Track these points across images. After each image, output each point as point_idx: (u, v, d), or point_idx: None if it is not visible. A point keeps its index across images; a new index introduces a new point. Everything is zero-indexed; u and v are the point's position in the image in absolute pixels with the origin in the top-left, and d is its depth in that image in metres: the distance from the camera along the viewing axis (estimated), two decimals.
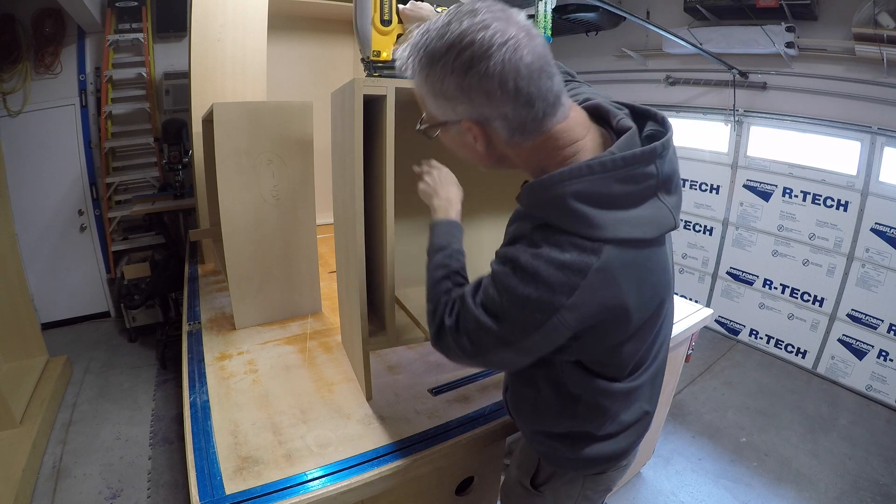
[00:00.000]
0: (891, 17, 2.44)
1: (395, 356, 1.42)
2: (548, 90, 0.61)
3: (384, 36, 1.04)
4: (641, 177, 0.62)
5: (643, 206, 0.63)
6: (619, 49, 3.87)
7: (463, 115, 0.63)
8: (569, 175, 0.61)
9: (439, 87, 0.61)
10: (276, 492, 0.91)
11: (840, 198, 3.00)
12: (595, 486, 0.92)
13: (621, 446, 0.85)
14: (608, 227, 0.60)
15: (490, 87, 0.58)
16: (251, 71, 2.16)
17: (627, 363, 0.75)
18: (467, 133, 0.66)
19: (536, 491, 0.94)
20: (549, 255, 0.61)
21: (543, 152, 0.66)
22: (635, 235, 0.62)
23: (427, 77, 0.62)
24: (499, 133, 0.64)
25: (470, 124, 0.64)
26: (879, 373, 2.88)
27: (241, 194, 1.50)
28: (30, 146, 3.22)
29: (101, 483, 2.08)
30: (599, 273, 0.60)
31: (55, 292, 3.46)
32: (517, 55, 0.57)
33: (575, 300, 0.61)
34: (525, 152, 0.67)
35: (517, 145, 0.66)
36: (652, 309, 0.71)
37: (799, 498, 2.10)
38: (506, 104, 0.60)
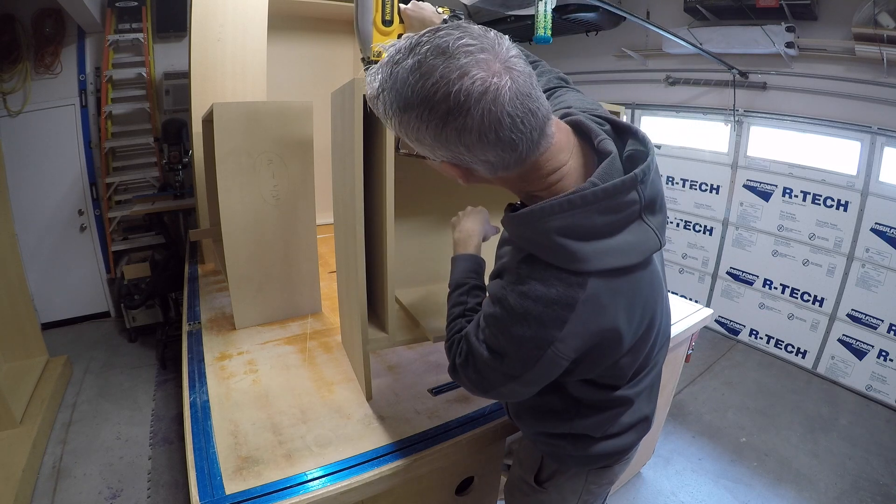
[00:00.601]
0: (891, 17, 2.44)
1: (395, 356, 1.42)
2: (531, 129, 0.56)
3: (385, 36, 1.04)
4: (623, 205, 0.61)
5: (627, 230, 0.63)
6: (619, 49, 3.86)
7: (442, 157, 0.60)
8: (550, 211, 0.60)
9: (415, 134, 0.57)
10: (276, 492, 0.91)
11: (840, 198, 3.00)
12: (599, 480, 0.93)
13: (623, 444, 0.87)
14: (592, 260, 0.60)
15: (469, 141, 0.54)
16: (251, 71, 2.16)
17: (626, 373, 0.77)
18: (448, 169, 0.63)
19: (540, 487, 0.95)
20: (536, 292, 0.62)
21: (527, 179, 0.64)
22: (621, 264, 0.62)
23: (401, 123, 0.57)
24: (480, 172, 0.62)
25: (447, 166, 0.62)
26: (879, 373, 2.88)
27: (241, 194, 1.50)
28: (30, 146, 3.21)
29: (101, 483, 2.08)
30: (587, 304, 0.61)
31: (55, 292, 3.46)
32: (498, 104, 0.52)
33: (566, 332, 0.62)
34: (508, 181, 0.66)
35: (501, 178, 0.65)
36: (644, 325, 0.73)
37: (799, 498, 2.10)
38: (487, 152, 0.56)
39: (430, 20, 1.05)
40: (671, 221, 3.93)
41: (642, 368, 0.80)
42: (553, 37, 1.89)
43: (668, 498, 2.10)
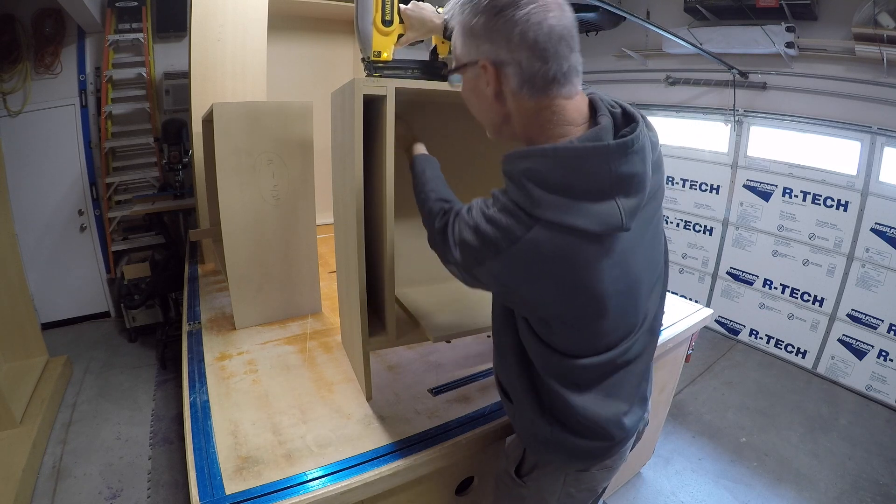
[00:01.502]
0: (891, 17, 2.44)
1: (395, 356, 1.42)
2: (563, 57, 0.66)
3: (385, 36, 1.04)
4: (591, 171, 0.64)
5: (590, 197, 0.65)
6: (619, 49, 3.86)
7: (483, 54, 0.68)
8: (526, 154, 0.67)
9: (469, 24, 0.68)
10: (276, 492, 0.91)
11: (840, 198, 3.00)
12: (578, 485, 0.91)
13: (598, 446, 0.84)
14: (545, 208, 0.64)
15: (511, 33, 0.64)
16: (251, 71, 2.16)
17: (566, 342, 0.76)
18: (482, 76, 0.70)
19: (521, 481, 0.94)
20: (494, 215, 0.69)
21: (540, 121, 0.70)
22: (571, 223, 0.64)
23: (463, 14, 0.69)
24: (510, 80, 0.68)
25: (486, 63, 0.68)
26: (879, 373, 2.88)
27: (241, 194, 1.50)
28: (30, 146, 3.21)
29: (101, 483, 2.08)
30: (526, 245, 0.65)
31: (55, 292, 3.46)
32: (544, 14, 0.63)
33: (499, 261, 0.68)
34: (526, 112, 0.70)
35: (522, 99, 0.69)
36: (592, 304, 0.71)
37: (799, 498, 2.10)
38: (522, 52, 0.65)
39: (430, 20, 1.05)
40: (671, 221, 3.93)
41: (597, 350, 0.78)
42: None
43: (668, 498, 2.10)
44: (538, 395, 0.84)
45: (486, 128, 0.81)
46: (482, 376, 1.33)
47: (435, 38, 1.14)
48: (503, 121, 0.75)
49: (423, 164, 1.00)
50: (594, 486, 0.94)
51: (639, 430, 0.97)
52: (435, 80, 1.10)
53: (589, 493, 0.95)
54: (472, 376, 1.33)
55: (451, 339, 1.37)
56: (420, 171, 0.99)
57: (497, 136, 0.80)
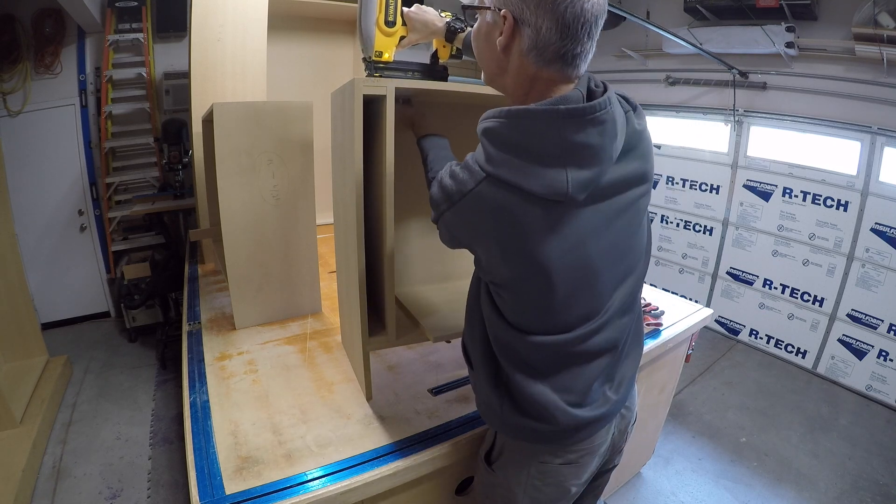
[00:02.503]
0: (891, 17, 2.44)
1: (395, 356, 1.42)
2: (580, 41, 0.68)
3: (388, 37, 1.04)
4: (542, 134, 0.66)
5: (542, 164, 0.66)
6: (619, 49, 3.86)
7: (509, 5, 0.69)
8: (492, 114, 0.70)
9: None
10: (276, 492, 0.91)
11: (840, 198, 3.00)
12: (543, 478, 0.89)
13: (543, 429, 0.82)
14: (496, 165, 0.68)
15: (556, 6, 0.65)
16: (251, 71, 2.16)
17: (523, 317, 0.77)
18: (498, 24, 0.71)
19: (490, 469, 0.95)
20: (455, 170, 0.75)
21: (531, 89, 0.73)
22: (517, 182, 0.67)
23: None
24: (523, 40, 0.69)
25: (508, 15, 0.69)
26: (879, 373, 2.88)
27: (241, 194, 1.50)
28: (30, 146, 3.21)
29: (101, 483, 2.08)
30: (472, 198, 0.70)
31: (55, 292, 3.46)
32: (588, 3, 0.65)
33: (451, 213, 0.74)
34: (523, 75, 0.73)
35: (526, 62, 0.71)
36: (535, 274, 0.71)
37: (799, 498, 2.10)
38: (545, 20, 0.66)
39: (432, 23, 1.05)
40: (671, 221, 3.94)
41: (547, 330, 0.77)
42: None
43: (668, 498, 2.10)
44: (496, 368, 0.86)
45: (483, 71, 0.83)
46: None
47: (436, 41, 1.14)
48: (499, 72, 0.77)
49: (427, 147, 1.03)
50: (561, 482, 0.90)
51: (618, 429, 0.95)
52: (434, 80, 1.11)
53: (556, 488, 0.90)
54: None
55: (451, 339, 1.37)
56: (424, 156, 1.01)
57: (489, 83, 0.83)
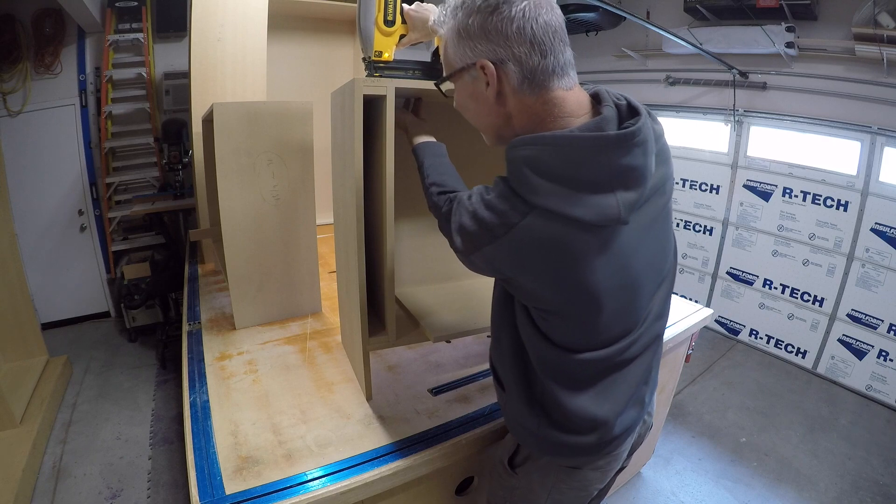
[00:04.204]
0: (891, 17, 2.44)
1: (395, 356, 1.42)
2: (559, 52, 0.68)
3: (387, 37, 1.04)
4: (590, 161, 0.64)
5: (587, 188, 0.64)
6: (619, 49, 3.86)
7: (480, 55, 0.68)
8: (526, 141, 0.67)
9: (463, 26, 0.68)
10: (276, 492, 0.91)
11: (840, 198, 3.00)
12: (569, 482, 0.90)
13: (584, 443, 0.82)
14: (542, 194, 0.65)
15: (509, 29, 0.65)
16: (251, 71, 2.16)
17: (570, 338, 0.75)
18: (480, 78, 0.70)
19: (513, 472, 0.94)
20: (492, 201, 0.69)
21: (542, 115, 0.70)
22: (569, 213, 0.64)
23: (456, 18, 0.70)
24: (511, 78, 0.68)
25: (485, 63, 0.68)
26: (879, 373, 2.88)
27: (241, 194, 1.50)
28: (30, 146, 3.21)
29: (101, 483, 2.08)
30: (521, 232, 0.66)
31: (55, 292, 3.46)
32: (537, 11, 0.65)
33: (495, 246, 0.69)
34: (527, 109, 0.70)
35: (524, 96, 0.69)
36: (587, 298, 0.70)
37: (799, 498, 2.10)
38: (521, 45, 0.66)
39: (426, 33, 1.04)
40: None
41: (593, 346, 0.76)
42: None
43: (668, 498, 2.10)
44: (530, 387, 0.83)
45: (487, 135, 0.80)
46: (482, 376, 1.33)
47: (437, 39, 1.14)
48: (505, 123, 0.74)
49: (421, 155, 0.99)
50: (586, 486, 0.92)
51: (639, 433, 0.96)
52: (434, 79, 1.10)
53: (580, 492, 0.92)
54: (472, 376, 1.33)
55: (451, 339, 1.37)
56: (420, 164, 0.98)
57: (498, 141, 0.78)
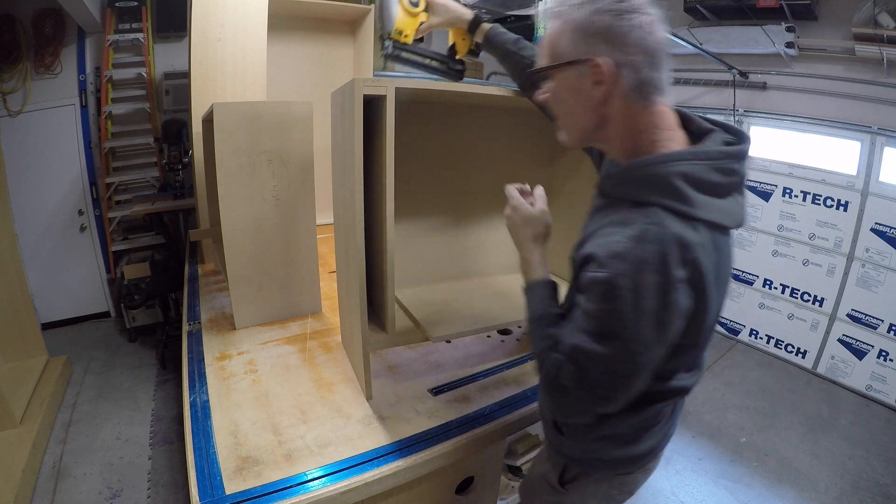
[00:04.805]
0: (891, 17, 2.44)
1: (395, 356, 1.42)
2: (666, 68, 0.68)
3: (411, 17, 1.01)
4: (731, 171, 0.67)
5: (728, 198, 0.68)
6: None
7: (598, 53, 0.67)
8: (676, 157, 0.66)
9: (589, 22, 0.67)
10: (276, 492, 0.91)
11: (840, 198, 3.00)
12: (622, 487, 0.92)
13: (650, 445, 0.85)
14: (704, 208, 0.64)
15: (632, 36, 0.65)
16: (251, 71, 2.16)
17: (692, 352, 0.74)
18: (589, 75, 0.68)
19: (563, 489, 0.93)
20: (652, 233, 0.61)
21: (642, 127, 0.70)
22: (723, 221, 0.66)
23: (580, 10, 0.67)
24: (623, 83, 0.67)
25: (604, 62, 0.66)
26: (879, 373, 2.88)
27: (241, 194, 1.50)
28: (30, 146, 3.21)
29: (101, 483, 2.08)
30: (701, 249, 0.62)
31: (55, 292, 3.46)
32: (654, 26, 0.66)
33: (685, 273, 0.61)
34: (630, 117, 0.70)
35: (630, 103, 0.69)
36: (721, 301, 0.72)
37: (799, 498, 2.10)
38: (639, 54, 0.66)
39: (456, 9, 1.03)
40: None
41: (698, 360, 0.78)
42: None
43: (668, 498, 2.10)
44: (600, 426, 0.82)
45: (572, 132, 0.77)
46: (482, 376, 1.33)
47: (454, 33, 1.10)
48: (598, 125, 0.72)
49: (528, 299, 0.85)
50: (633, 489, 0.95)
51: None
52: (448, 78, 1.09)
53: (627, 494, 0.95)
54: (472, 376, 1.33)
55: (451, 339, 1.37)
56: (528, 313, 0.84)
57: (581, 141, 0.77)
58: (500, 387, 1.28)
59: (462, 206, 1.49)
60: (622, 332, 0.62)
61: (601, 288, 0.62)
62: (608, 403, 0.70)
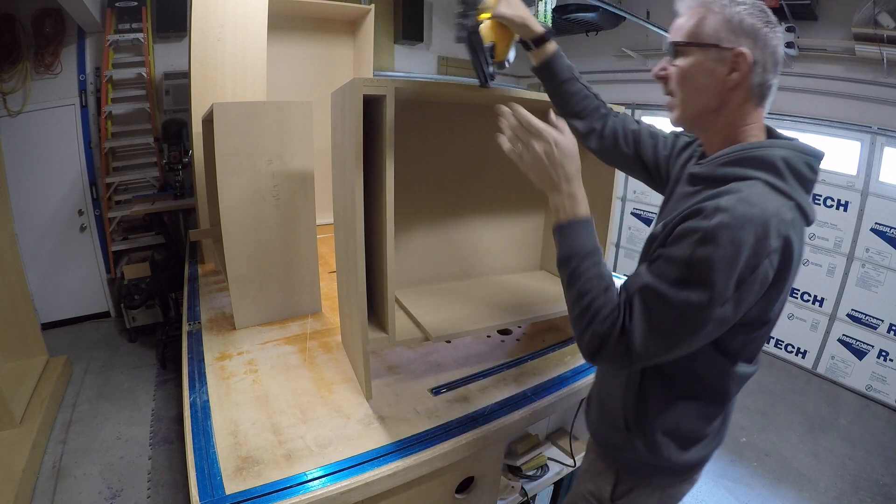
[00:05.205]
0: (891, 17, 2.44)
1: (395, 356, 1.42)
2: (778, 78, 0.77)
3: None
4: (814, 170, 0.73)
5: (808, 194, 0.73)
6: (619, 49, 3.86)
7: (743, 46, 0.73)
8: (779, 144, 0.73)
9: (739, 18, 0.73)
10: (276, 492, 0.91)
11: (840, 198, 3.00)
12: (672, 500, 0.93)
13: (700, 455, 0.87)
14: (797, 194, 0.69)
15: (772, 44, 0.73)
16: (251, 71, 2.16)
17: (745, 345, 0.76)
18: (726, 62, 0.74)
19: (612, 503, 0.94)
20: (758, 198, 0.65)
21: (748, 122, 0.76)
22: (807, 210, 0.71)
23: (731, 6, 0.73)
24: (751, 78, 0.74)
25: (745, 53, 0.72)
26: (879, 373, 2.88)
27: (241, 194, 1.50)
28: (30, 146, 3.21)
29: (101, 483, 2.08)
30: (794, 226, 0.66)
31: (55, 292, 3.46)
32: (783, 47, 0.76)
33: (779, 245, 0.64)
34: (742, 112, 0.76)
35: (747, 100, 0.75)
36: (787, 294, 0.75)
37: (799, 498, 2.10)
38: (770, 60, 0.73)
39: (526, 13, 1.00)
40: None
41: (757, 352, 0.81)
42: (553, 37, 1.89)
43: None
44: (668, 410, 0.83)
45: (689, 109, 0.79)
46: (482, 376, 1.33)
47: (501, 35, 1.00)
48: (717, 108, 0.77)
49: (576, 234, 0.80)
50: (678, 498, 0.95)
51: None
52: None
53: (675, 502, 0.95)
54: (472, 376, 1.33)
55: (451, 339, 1.37)
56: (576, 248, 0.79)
57: (693, 120, 0.81)
58: (500, 387, 1.28)
59: (462, 206, 1.49)
60: (706, 280, 0.64)
61: (700, 235, 0.64)
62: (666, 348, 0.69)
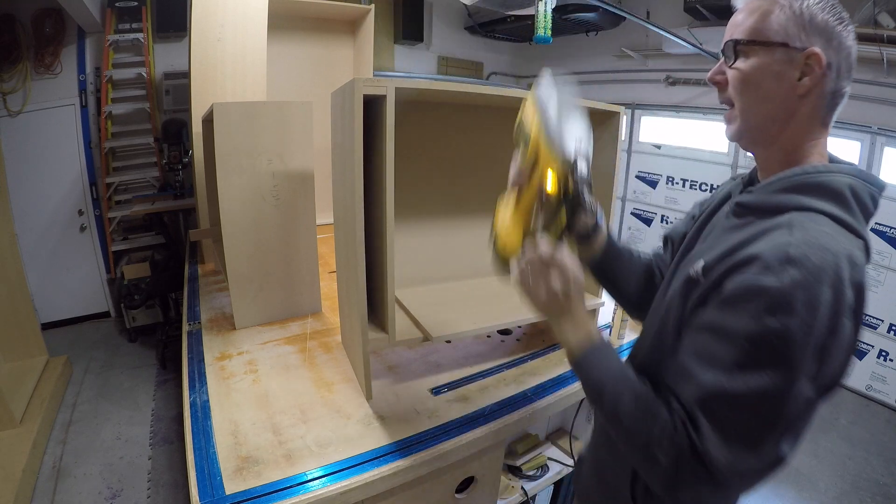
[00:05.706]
0: (891, 17, 2.45)
1: (395, 356, 1.42)
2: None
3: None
4: (875, 202, 0.63)
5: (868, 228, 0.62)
6: (619, 49, 3.87)
7: (816, 46, 0.62)
8: (847, 170, 0.63)
9: (811, 13, 0.62)
10: (276, 492, 0.91)
11: None
12: None
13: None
14: (865, 232, 0.59)
15: (847, 45, 0.62)
16: (251, 71, 2.16)
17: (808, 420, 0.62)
18: (796, 64, 0.63)
19: None
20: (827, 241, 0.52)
21: (815, 138, 0.67)
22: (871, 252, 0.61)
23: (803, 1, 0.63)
24: (825, 84, 0.63)
25: (819, 55, 0.61)
26: (879, 373, 2.88)
27: (241, 194, 1.50)
28: (30, 146, 3.22)
29: (101, 483, 2.08)
30: (863, 272, 0.54)
31: (55, 292, 3.47)
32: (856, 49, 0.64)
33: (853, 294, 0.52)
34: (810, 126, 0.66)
35: (818, 111, 0.65)
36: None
37: (799, 498, 2.10)
38: (844, 63, 0.63)
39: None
40: (671, 221, 3.93)
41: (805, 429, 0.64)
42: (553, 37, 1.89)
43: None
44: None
45: (753, 119, 0.67)
46: (482, 376, 1.33)
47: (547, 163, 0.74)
48: (784, 119, 0.65)
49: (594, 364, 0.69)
50: None
51: None
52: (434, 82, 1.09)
53: None
54: (472, 376, 1.33)
55: (451, 339, 1.37)
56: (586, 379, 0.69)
57: (756, 133, 0.68)
58: (500, 387, 1.28)
59: (462, 206, 1.49)
60: (785, 359, 0.50)
61: (768, 300, 0.50)
62: (756, 454, 0.53)
